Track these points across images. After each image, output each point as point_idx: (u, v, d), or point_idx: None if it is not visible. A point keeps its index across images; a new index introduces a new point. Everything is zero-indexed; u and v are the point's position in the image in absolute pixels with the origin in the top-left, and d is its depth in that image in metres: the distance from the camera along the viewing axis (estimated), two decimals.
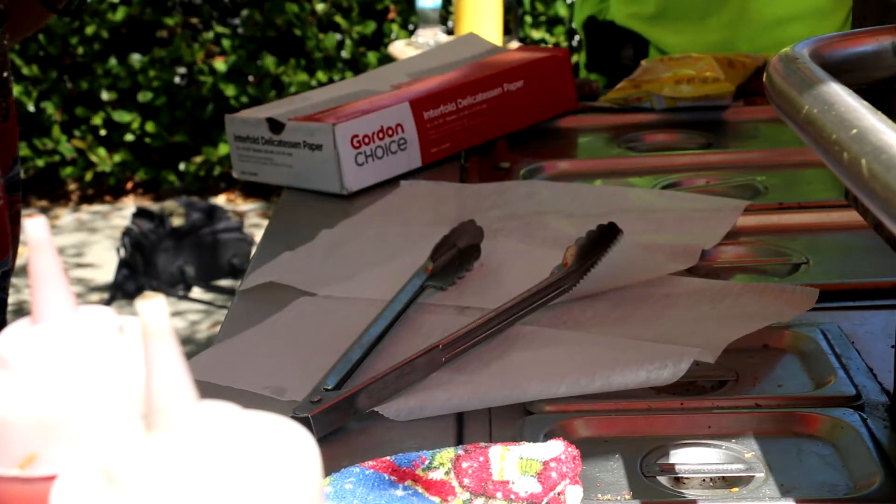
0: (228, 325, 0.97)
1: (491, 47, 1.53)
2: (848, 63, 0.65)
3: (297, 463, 0.37)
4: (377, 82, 1.41)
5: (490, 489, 0.67)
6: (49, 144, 4.77)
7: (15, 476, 0.42)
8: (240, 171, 1.35)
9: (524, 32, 4.62)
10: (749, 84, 1.51)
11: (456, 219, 1.07)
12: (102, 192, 4.94)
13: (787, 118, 0.58)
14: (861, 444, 0.73)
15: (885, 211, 0.46)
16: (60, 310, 0.43)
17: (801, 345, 0.87)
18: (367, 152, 1.27)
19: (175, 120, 4.76)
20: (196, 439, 0.36)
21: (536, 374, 0.82)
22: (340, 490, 0.67)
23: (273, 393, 0.84)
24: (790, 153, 1.29)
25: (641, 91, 1.49)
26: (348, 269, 1.05)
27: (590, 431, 0.78)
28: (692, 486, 0.73)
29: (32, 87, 4.71)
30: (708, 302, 0.92)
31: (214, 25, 4.85)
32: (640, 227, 1.07)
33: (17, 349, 0.43)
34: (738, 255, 1.07)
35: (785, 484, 0.71)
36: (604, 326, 0.90)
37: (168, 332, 0.36)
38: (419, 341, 0.88)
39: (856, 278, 1.01)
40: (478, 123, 1.37)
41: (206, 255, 3.54)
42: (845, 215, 1.10)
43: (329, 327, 0.94)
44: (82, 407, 0.42)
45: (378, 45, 4.74)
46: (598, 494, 0.71)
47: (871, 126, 0.49)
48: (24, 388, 0.42)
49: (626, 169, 1.33)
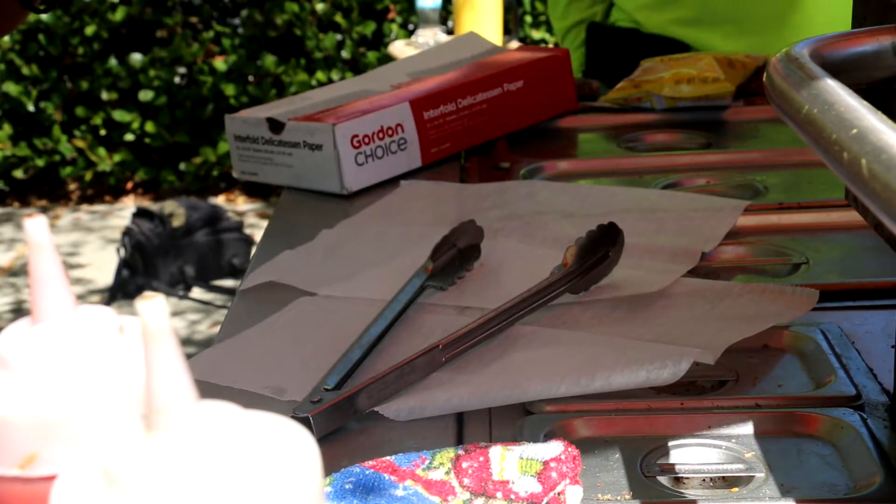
0: (228, 325, 0.97)
1: (491, 47, 1.53)
2: (848, 63, 0.65)
3: (297, 463, 0.37)
4: (377, 82, 1.41)
5: (490, 489, 0.67)
6: (49, 144, 4.77)
7: (15, 476, 0.42)
8: (240, 171, 1.35)
9: (524, 32, 4.62)
10: (749, 84, 1.51)
11: (456, 219, 1.07)
12: (102, 192, 4.94)
13: (787, 118, 0.58)
14: (861, 444, 0.73)
15: (885, 211, 0.46)
16: (60, 310, 0.43)
17: (801, 345, 0.87)
18: (367, 152, 1.27)
19: (175, 120, 4.76)
20: (196, 439, 0.36)
21: (536, 374, 0.82)
22: (340, 490, 0.67)
23: (273, 393, 0.84)
24: (790, 153, 1.29)
25: (641, 91, 1.49)
26: (348, 268, 1.05)
27: (590, 431, 0.78)
28: (692, 485, 0.73)
29: (32, 87, 4.71)
30: (708, 302, 0.92)
31: (214, 25, 4.85)
32: (640, 227, 1.07)
33: (17, 349, 0.43)
34: (738, 255, 1.06)
35: (785, 484, 0.71)
36: (604, 326, 0.90)
37: (168, 332, 0.36)
38: (419, 341, 0.88)
39: (856, 278, 1.01)
40: (478, 123, 1.37)
41: (206, 255, 3.54)
42: (845, 215, 1.10)
43: (329, 327, 0.94)
44: (82, 407, 0.42)
45: (378, 45, 4.74)
46: (598, 494, 0.71)
47: (871, 126, 0.49)
48: (24, 388, 0.42)
49: (626, 169, 1.33)
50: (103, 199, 4.91)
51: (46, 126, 4.76)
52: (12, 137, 4.77)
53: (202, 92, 4.72)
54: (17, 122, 4.78)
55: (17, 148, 4.77)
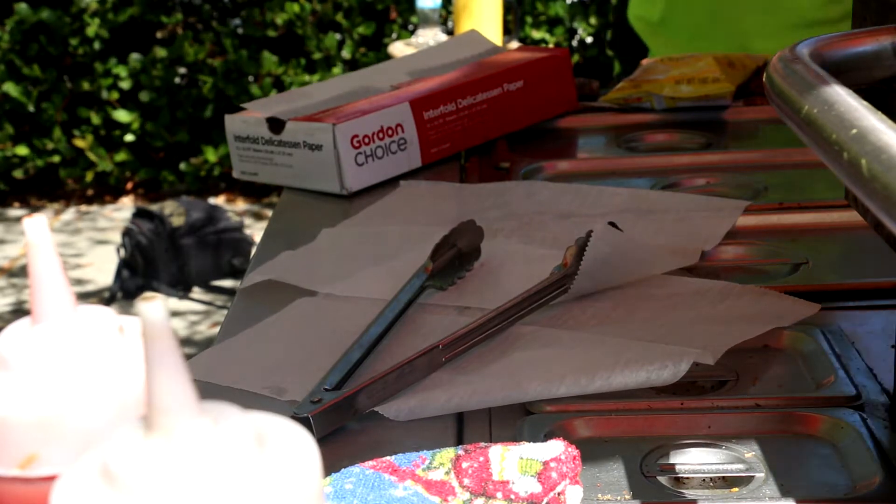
0: (228, 325, 0.97)
1: (491, 46, 1.53)
2: (848, 63, 0.65)
3: (297, 463, 0.37)
4: (377, 78, 1.41)
5: (490, 489, 0.67)
6: (49, 144, 4.77)
7: (15, 476, 0.42)
8: (240, 171, 1.35)
9: (524, 32, 4.62)
10: (749, 84, 1.51)
11: (456, 219, 1.07)
12: (102, 192, 4.94)
13: (787, 118, 0.58)
14: (861, 444, 0.73)
15: (885, 211, 0.46)
16: (60, 310, 0.43)
17: (801, 345, 0.87)
18: (367, 152, 1.27)
19: (175, 120, 4.76)
20: (196, 440, 0.36)
21: (536, 374, 0.82)
22: (340, 490, 0.67)
23: (273, 393, 0.84)
24: (790, 153, 1.29)
25: (641, 91, 1.49)
26: (348, 268, 1.05)
27: (590, 431, 0.78)
28: (692, 486, 0.73)
29: (32, 87, 4.71)
30: (708, 303, 0.92)
31: (214, 25, 4.85)
32: (640, 227, 1.07)
33: (17, 349, 0.43)
34: (738, 255, 1.06)
35: (785, 484, 0.71)
36: (604, 326, 0.90)
37: (168, 332, 0.36)
38: (419, 341, 0.88)
39: (856, 278, 1.01)
40: (478, 123, 1.37)
41: (206, 255, 3.54)
42: (845, 215, 1.10)
43: (329, 327, 0.94)
44: (82, 407, 0.42)
45: (378, 45, 4.73)
46: (598, 494, 0.71)
47: (871, 126, 0.49)
48: (24, 388, 0.42)
49: (626, 169, 1.33)
50: (103, 200, 4.90)
51: (46, 126, 4.76)
52: (12, 137, 4.77)
53: (202, 92, 4.72)
54: (17, 122, 4.77)
55: (18, 148, 4.77)
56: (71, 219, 4.71)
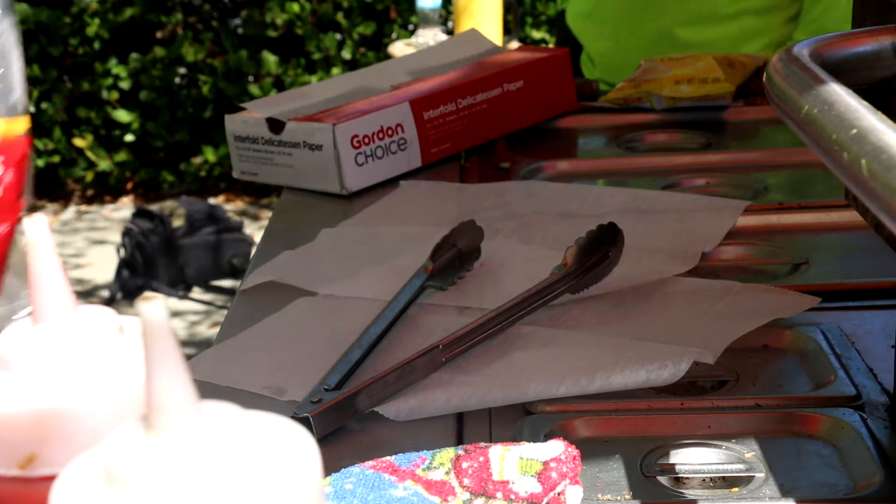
0: (228, 325, 0.97)
1: (491, 46, 1.52)
2: (848, 63, 0.65)
3: (297, 463, 0.37)
4: (377, 78, 1.41)
5: (490, 489, 0.67)
6: (49, 144, 4.77)
7: (15, 476, 0.42)
8: (240, 171, 1.35)
9: (524, 32, 4.62)
10: (749, 84, 1.51)
11: (456, 219, 1.07)
12: (102, 192, 4.94)
13: (787, 118, 0.58)
14: (861, 444, 0.73)
15: (885, 211, 0.46)
16: (60, 310, 0.43)
17: (801, 345, 0.87)
18: (367, 152, 1.27)
19: (175, 120, 4.76)
20: (196, 439, 0.36)
21: (536, 374, 0.82)
22: (340, 490, 0.67)
23: (273, 393, 0.84)
24: (790, 153, 1.29)
25: (641, 91, 1.49)
26: (348, 268, 1.05)
27: (590, 431, 0.78)
28: (692, 486, 0.73)
29: (32, 87, 4.71)
30: (708, 302, 0.92)
31: (214, 25, 4.85)
32: (640, 227, 1.07)
33: (17, 349, 0.43)
34: (738, 255, 1.06)
35: (785, 484, 0.71)
36: (604, 326, 0.90)
37: (168, 332, 0.36)
38: (419, 341, 0.88)
39: (856, 278, 1.01)
40: (478, 123, 1.37)
41: (206, 255, 3.54)
42: (845, 215, 1.10)
43: (329, 327, 0.94)
44: (82, 407, 0.42)
45: (378, 45, 4.74)
46: (598, 494, 0.71)
47: (871, 126, 0.49)
48: (24, 388, 0.42)
49: (626, 169, 1.33)
50: (103, 199, 4.90)
51: (47, 126, 4.76)
52: None
53: (202, 92, 4.72)
54: None
55: None
56: (70, 219, 4.71)
